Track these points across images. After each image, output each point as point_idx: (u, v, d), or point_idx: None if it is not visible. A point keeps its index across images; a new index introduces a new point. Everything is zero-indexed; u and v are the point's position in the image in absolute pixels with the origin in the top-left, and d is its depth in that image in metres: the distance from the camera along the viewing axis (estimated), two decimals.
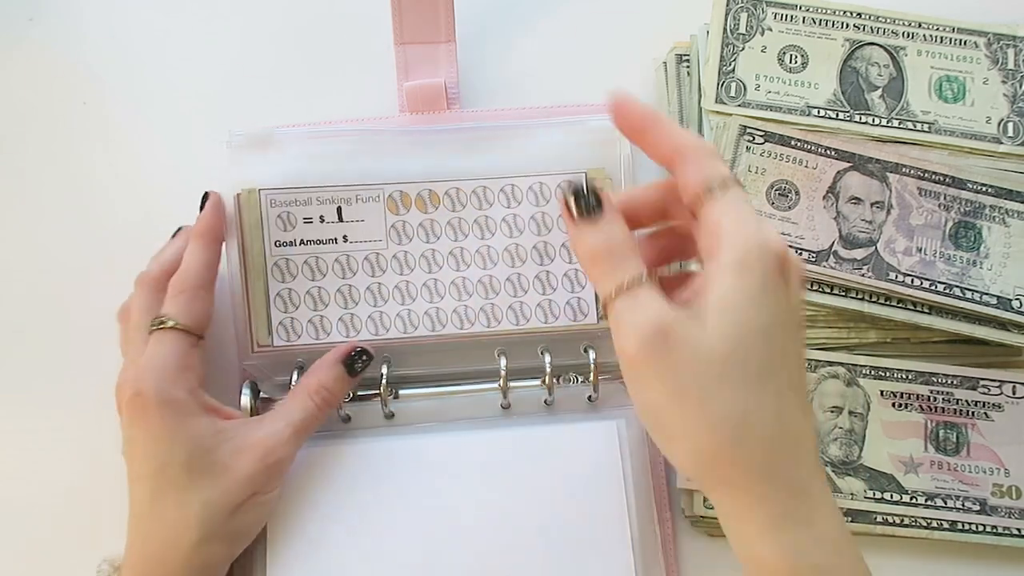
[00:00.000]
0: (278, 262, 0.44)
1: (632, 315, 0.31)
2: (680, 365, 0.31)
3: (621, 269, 0.32)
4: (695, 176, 0.33)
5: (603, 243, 0.33)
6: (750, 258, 0.31)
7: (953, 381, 0.45)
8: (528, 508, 0.43)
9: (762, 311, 0.31)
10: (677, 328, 0.31)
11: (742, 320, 0.31)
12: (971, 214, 0.46)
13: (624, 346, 0.31)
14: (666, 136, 0.34)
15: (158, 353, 0.39)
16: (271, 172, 0.44)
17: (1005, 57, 0.50)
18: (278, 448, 0.40)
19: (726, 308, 0.31)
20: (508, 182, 0.45)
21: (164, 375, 0.38)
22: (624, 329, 0.31)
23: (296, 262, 0.44)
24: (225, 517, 0.38)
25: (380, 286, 0.45)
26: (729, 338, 0.30)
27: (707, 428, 0.31)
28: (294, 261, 0.44)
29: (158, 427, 0.37)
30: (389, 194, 0.44)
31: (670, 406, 0.31)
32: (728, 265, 0.31)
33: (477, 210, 0.45)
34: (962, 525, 0.43)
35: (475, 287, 0.45)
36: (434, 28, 0.51)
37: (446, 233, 0.45)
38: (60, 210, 0.51)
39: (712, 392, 0.30)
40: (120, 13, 0.55)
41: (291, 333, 0.44)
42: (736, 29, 0.50)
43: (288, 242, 0.44)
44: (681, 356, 0.31)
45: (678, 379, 0.31)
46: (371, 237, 0.45)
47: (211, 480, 0.38)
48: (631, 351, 0.31)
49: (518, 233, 0.45)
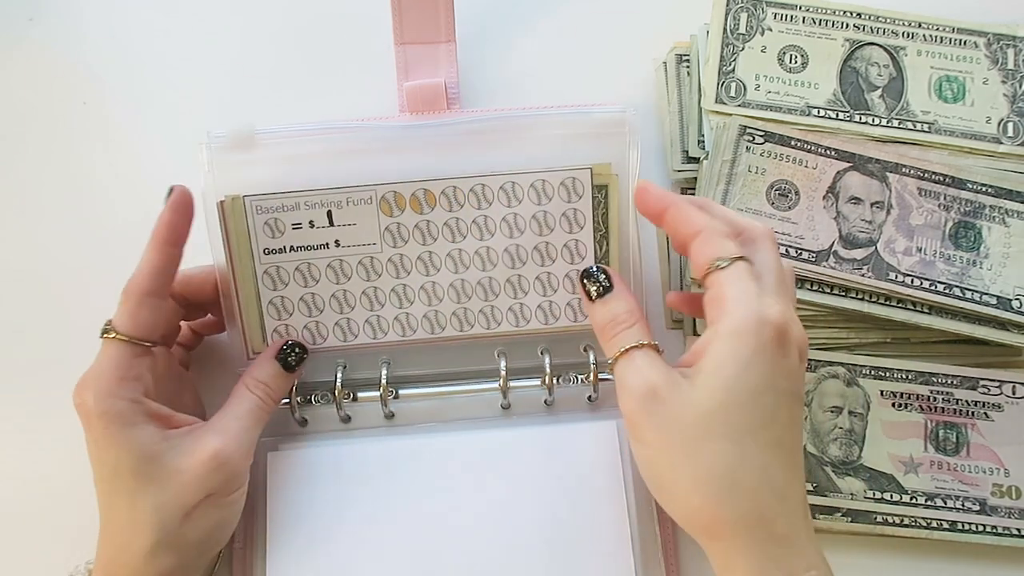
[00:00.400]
0: (268, 270, 0.43)
1: (628, 376, 0.36)
2: (670, 422, 0.34)
3: (623, 336, 0.37)
4: (706, 252, 0.36)
5: (610, 317, 0.38)
6: (746, 326, 0.33)
7: (953, 381, 0.45)
8: (528, 508, 0.43)
9: (752, 374, 0.33)
10: (669, 389, 0.34)
11: (731, 383, 0.33)
12: (971, 214, 0.46)
13: (623, 404, 0.36)
14: (684, 217, 0.38)
15: (99, 363, 0.38)
16: (256, 176, 0.42)
17: (1005, 57, 0.50)
18: (228, 446, 0.39)
19: (716, 370, 0.33)
20: (508, 179, 0.43)
21: (102, 386, 0.37)
22: (622, 389, 0.36)
23: (287, 269, 0.43)
24: (179, 521, 0.37)
25: (376, 290, 0.44)
26: (717, 397, 0.33)
27: (694, 482, 0.33)
28: (285, 268, 0.43)
29: (101, 436, 0.37)
30: (382, 195, 0.42)
31: (662, 460, 0.34)
32: (724, 332, 0.34)
33: (476, 210, 0.43)
34: (962, 525, 0.43)
35: (474, 289, 0.44)
36: (434, 28, 0.50)
37: (443, 234, 0.43)
38: (60, 210, 0.51)
39: (699, 447, 0.33)
40: (120, 13, 0.55)
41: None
42: (736, 29, 0.50)
43: (277, 249, 0.43)
44: (670, 413, 0.34)
45: (668, 434, 0.34)
46: (364, 241, 0.43)
47: (160, 485, 0.37)
48: (627, 409, 0.35)
49: (518, 233, 0.44)
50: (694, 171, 0.49)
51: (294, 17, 0.55)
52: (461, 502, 0.43)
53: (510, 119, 0.43)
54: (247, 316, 0.43)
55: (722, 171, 0.47)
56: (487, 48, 0.54)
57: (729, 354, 0.33)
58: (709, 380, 0.33)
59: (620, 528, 0.42)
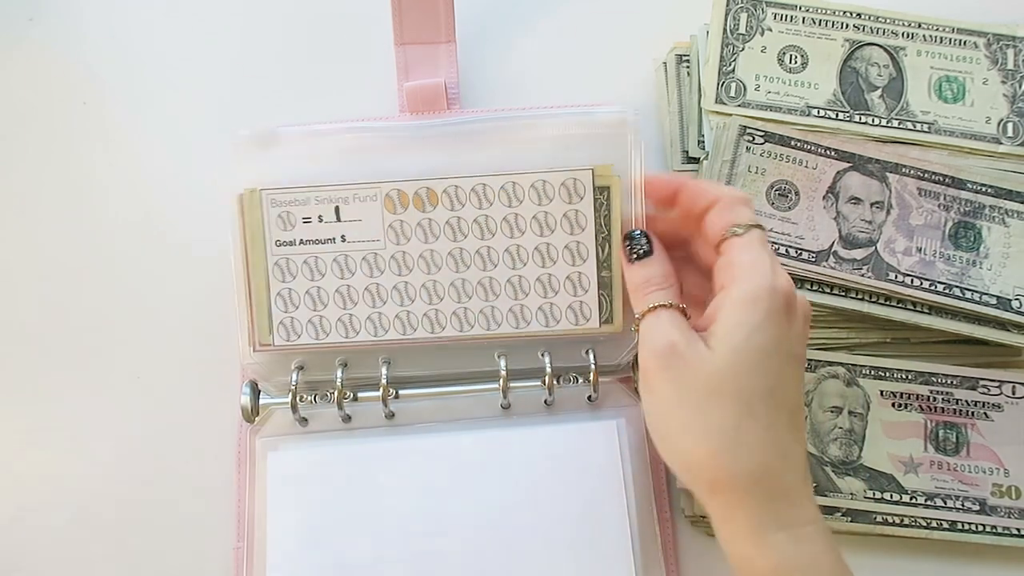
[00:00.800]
0: (279, 261, 0.44)
1: (652, 332, 0.37)
2: (685, 378, 0.35)
3: (654, 295, 0.38)
4: (724, 218, 0.38)
5: (645, 277, 0.39)
6: (759, 293, 0.35)
7: (953, 381, 0.45)
8: (528, 508, 0.43)
9: (762, 339, 0.35)
10: (686, 347, 0.36)
11: (742, 346, 0.35)
12: (971, 214, 0.46)
13: (643, 356, 0.37)
14: (700, 189, 0.39)
15: None
16: (273, 171, 0.44)
17: (1005, 57, 0.50)
18: None
19: (730, 335, 0.35)
20: (508, 180, 0.43)
21: None
22: (644, 343, 0.37)
23: (296, 261, 0.44)
24: None
25: (379, 287, 0.44)
26: (729, 359, 0.35)
27: (702, 434, 0.35)
28: (294, 261, 0.44)
29: None
30: (386, 193, 0.43)
31: (672, 412, 0.36)
32: (738, 299, 0.35)
33: (477, 209, 0.44)
34: (962, 525, 0.43)
35: (475, 289, 0.44)
36: (434, 28, 0.50)
37: (445, 233, 0.44)
38: (60, 210, 0.51)
39: (710, 403, 0.35)
40: (120, 13, 0.55)
41: (291, 333, 0.44)
42: (736, 29, 0.50)
43: (288, 241, 0.44)
44: (686, 370, 0.35)
45: (682, 390, 0.35)
46: (369, 237, 0.44)
47: None
48: (646, 361, 0.37)
49: (519, 233, 0.44)
50: (694, 171, 0.49)
51: (294, 17, 0.55)
52: (461, 502, 0.43)
53: (512, 120, 0.44)
54: (257, 306, 0.44)
55: (722, 171, 0.47)
56: (487, 48, 0.54)
57: (742, 319, 0.35)
58: (723, 343, 0.35)
59: (620, 528, 0.42)
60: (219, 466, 0.46)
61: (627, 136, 0.42)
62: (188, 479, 0.46)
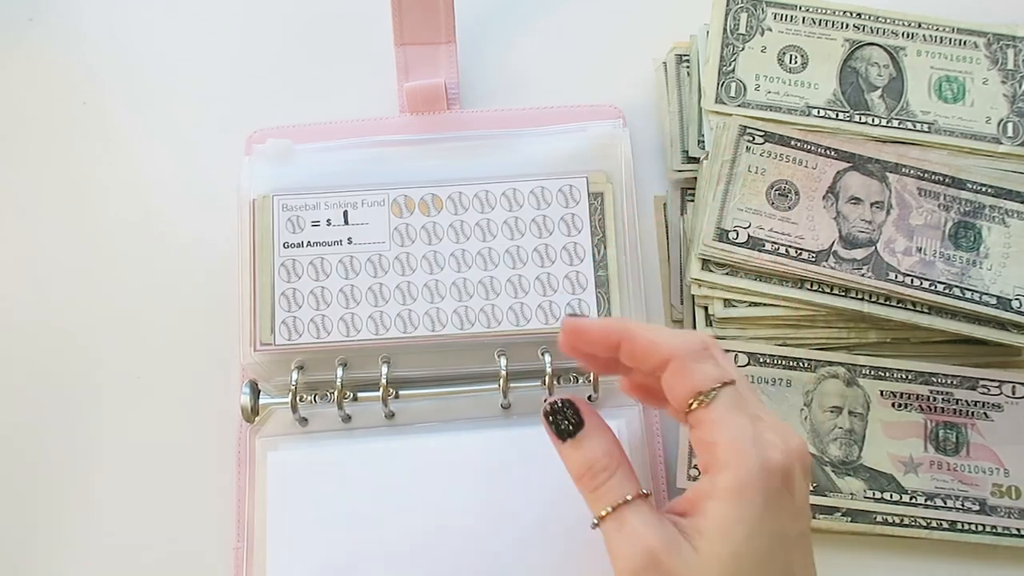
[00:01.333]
0: (285, 263, 0.46)
1: (622, 544, 0.31)
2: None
3: (606, 489, 0.32)
4: (684, 385, 0.31)
5: (585, 463, 0.33)
6: (750, 480, 0.30)
7: (953, 381, 0.45)
8: (528, 508, 0.43)
9: (762, 536, 0.30)
10: (668, 554, 0.30)
11: (740, 548, 0.29)
12: (971, 214, 0.46)
13: (619, 572, 0.31)
14: (643, 345, 0.32)
15: None
16: (285, 178, 0.47)
17: (1005, 57, 0.50)
18: None
19: (722, 535, 0.30)
20: (510, 186, 0.47)
21: None
22: (617, 556, 0.31)
23: (302, 262, 0.46)
24: None
25: (382, 286, 0.45)
26: (727, 566, 0.29)
27: None
28: (300, 262, 0.46)
29: None
30: (394, 199, 0.46)
31: None
32: (726, 490, 0.30)
33: (479, 213, 0.46)
34: (962, 525, 0.43)
35: (476, 288, 0.45)
36: (434, 28, 0.51)
37: (448, 235, 0.46)
38: (60, 210, 0.51)
39: None
40: (120, 13, 0.55)
41: (292, 332, 0.45)
42: (736, 29, 0.50)
43: (296, 243, 0.46)
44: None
45: None
46: (374, 239, 0.46)
47: None
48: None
49: (519, 235, 0.46)
50: (694, 171, 0.49)
51: (294, 17, 0.55)
52: (461, 502, 0.43)
53: (513, 135, 0.49)
54: (260, 306, 0.45)
55: (722, 171, 0.47)
56: (487, 48, 0.54)
57: (735, 516, 0.29)
58: (715, 547, 0.30)
59: None
60: (219, 466, 0.46)
61: (618, 145, 0.48)
62: (188, 479, 0.46)
